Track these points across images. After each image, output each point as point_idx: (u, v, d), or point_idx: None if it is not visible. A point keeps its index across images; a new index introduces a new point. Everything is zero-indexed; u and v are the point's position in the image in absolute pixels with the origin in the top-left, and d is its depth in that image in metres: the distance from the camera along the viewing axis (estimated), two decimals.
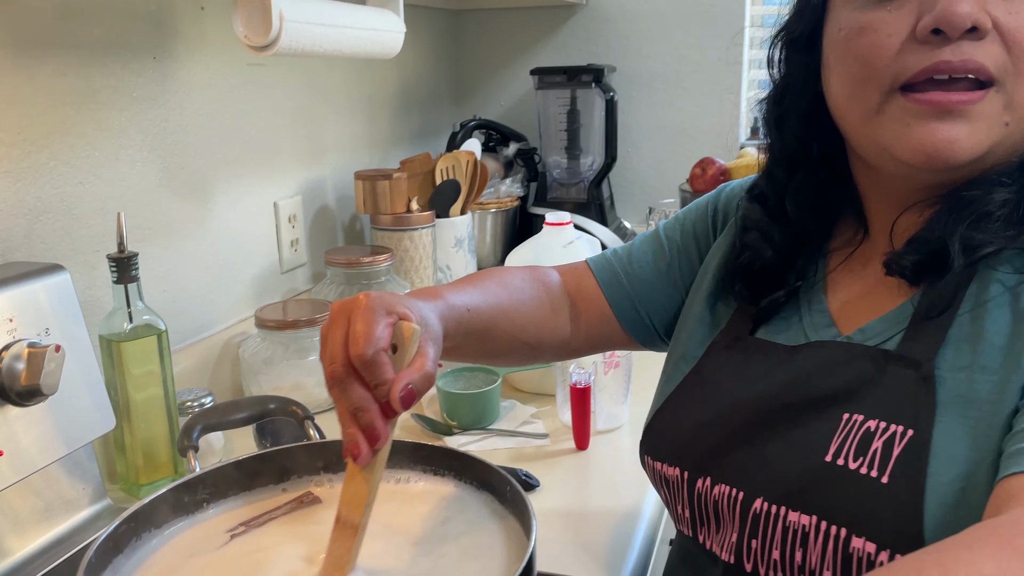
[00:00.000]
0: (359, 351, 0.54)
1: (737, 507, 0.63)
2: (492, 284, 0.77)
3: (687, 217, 0.84)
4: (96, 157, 1.02)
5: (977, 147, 0.58)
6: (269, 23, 0.88)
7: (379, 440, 0.54)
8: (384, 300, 0.57)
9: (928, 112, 0.57)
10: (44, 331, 0.82)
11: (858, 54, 0.60)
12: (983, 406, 0.55)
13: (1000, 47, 0.57)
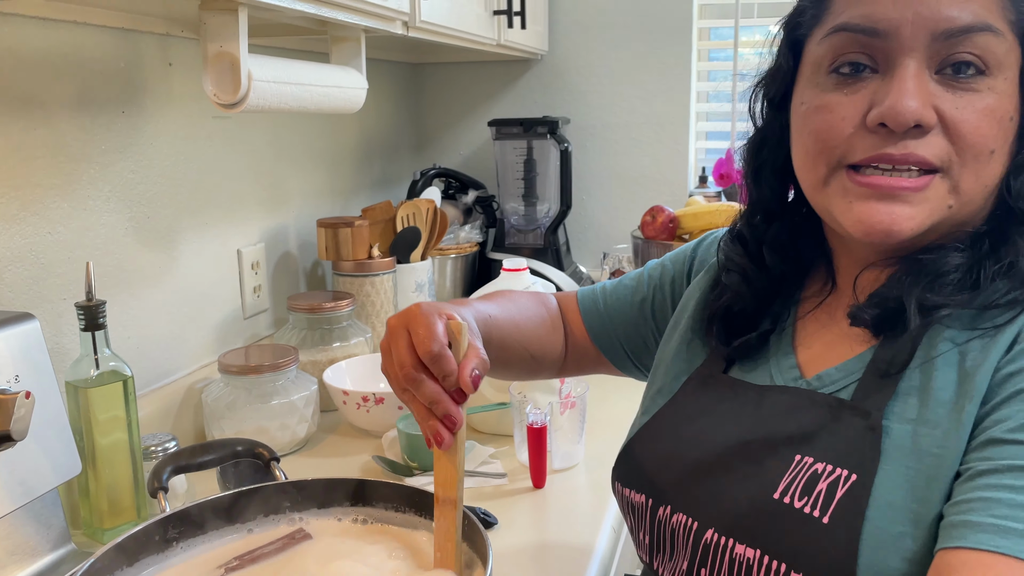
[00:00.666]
0: (427, 348, 0.62)
1: (691, 536, 0.66)
2: (505, 301, 0.86)
3: (669, 260, 0.90)
4: (65, 208, 1.05)
5: (917, 227, 0.61)
6: (238, 82, 0.92)
7: (456, 424, 0.63)
8: (433, 306, 0.66)
9: (869, 193, 0.62)
10: (14, 378, 0.84)
11: (813, 130, 0.65)
12: (924, 458, 0.58)
13: (944, 139, 0.60)
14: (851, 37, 0.62)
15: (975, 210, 0.64)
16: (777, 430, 0.66)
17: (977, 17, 0.59)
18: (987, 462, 0.55)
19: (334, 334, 1.39)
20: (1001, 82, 0.61)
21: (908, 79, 0.60)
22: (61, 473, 0.89)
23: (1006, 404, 0.56)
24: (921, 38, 0.60)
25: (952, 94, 0.60)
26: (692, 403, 0.75)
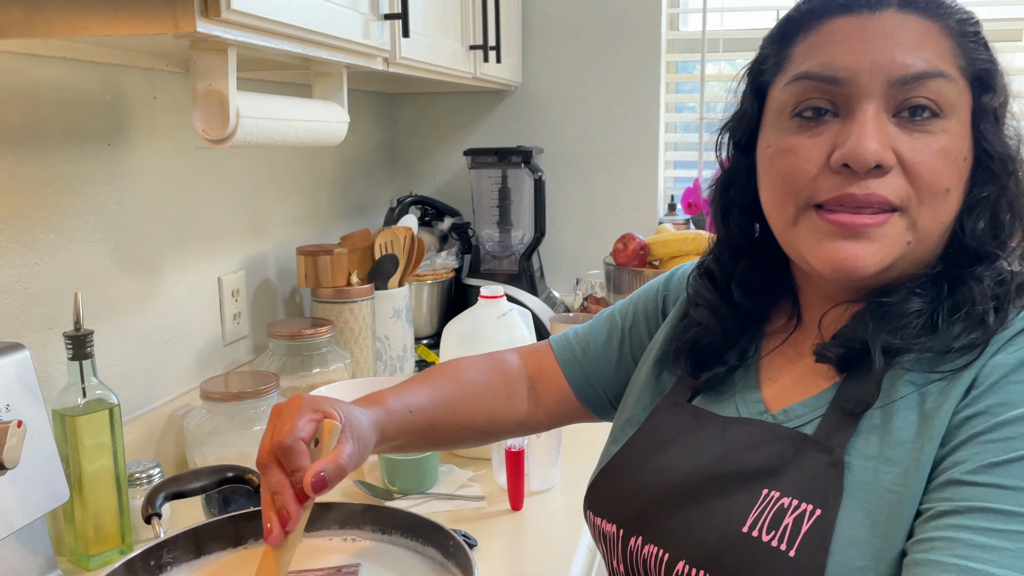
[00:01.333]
0: (279, 439, 0.63)
1: (663, 568, 0.68)
2: (443, 381, 0.85)
3: (639, 298, 0.91)
4: (52, 239, 1.07)
5: (879, 263, 0.64)
6: (227, 119, 0.96)
7: (290, 522, 0.62)
8: (313, 401, 0.66)
9: (836, 232, 0.64)
10: (5, 407, 0.86)
11: (780, 172, 0.68)
12: (884, 495, 0.60)
13: (903, 180, 0.63)
14: (812, 84, 0.66)
15: (932, 246, 0.67)
16: (745, 463, 0.67)
17: (930, 64, 0.63)
18: (948, 503, 0.57)
19: (314, 360, 1.42)
20: (954, 124, 0.64)
21: (868, 122, 0.63)
22: (50, 500, 0.90)
23: (964, 446, 0.59)
24: (878, 84, 0.63)
25: (909, 136, 0.64)
26: (660, 432, 0.76)
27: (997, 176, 0.66)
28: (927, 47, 0.64)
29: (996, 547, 0.54)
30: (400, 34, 1.24)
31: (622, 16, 2.01)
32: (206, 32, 0.82)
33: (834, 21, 0.66)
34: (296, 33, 0.97)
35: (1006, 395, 0.59)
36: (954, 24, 0.66)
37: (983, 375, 0.60)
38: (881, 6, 0.65)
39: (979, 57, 0.66)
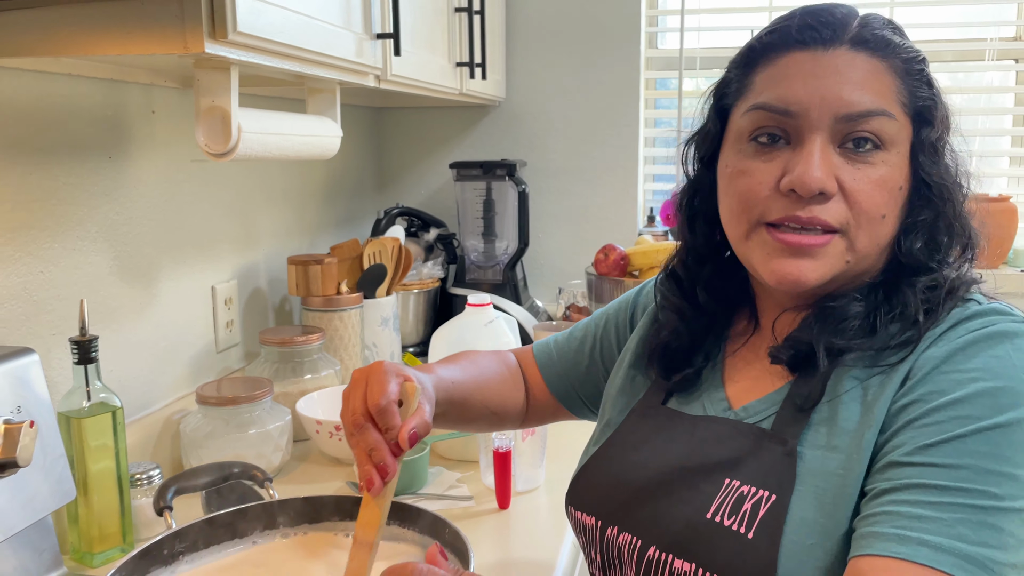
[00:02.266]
0: (376, 401, 0.69)
1: (635, 553, 0.74)
2: (467, 364, 0.94)
3: (612, 308, 0.99)
4: (56, 248, 1.11)
5: (820, 278, 0.71)
6: (228, 134, 1.00)
7: (388, 474, 0.69)
8: (393, 366, 0.74)
9: (782, 249, 0.71)
10: (16, 408, 0.90)
11: (736, 191, 0.74)
12: (831, 479, 0.67)
13: (844, 205, 0.70)
14: (768, 115, 0.72)
15: (870, 264, 0.73)
16: (709, 456, 0.74)
17: (873, 103, 0.69)
18: (888, 482, 0.63)
19: (305, 366, 1.46)
20: (893, 156, 0.71)
21: (814, 153, 0.69)
22: (58, 498, 0.94)
23: (902, 432, 0.65)
24: (826, 119, 0.70)
25: (851, 166, 0.70)
26: (635, 433, 0.83)
27: (933, 202, 0.73)
28: (873, 85, 0.70)
29: (931, 517, 0.60)
30: (392, 52, 1.29)
31: (603, 34, 2.08)
32: (213, 52, 0.87)
33: (791, 55, 0.72)
34: (295, 53, 1.02)
35: (936, 384, 0.65)
36: (900, 63, 0.72)
37: (916, 367, 0.67)
38: (834, 43, 0.71)
39: (921, 94, 0.72)
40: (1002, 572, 0.59)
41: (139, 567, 0.69)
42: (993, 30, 2.06)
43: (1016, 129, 2.11)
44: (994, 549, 0.59)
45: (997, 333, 0.66)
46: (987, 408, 0.63)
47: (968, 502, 0.60)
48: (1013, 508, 0.60)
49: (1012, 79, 2.10)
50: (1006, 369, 0.64)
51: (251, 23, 0.90)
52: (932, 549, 0.59)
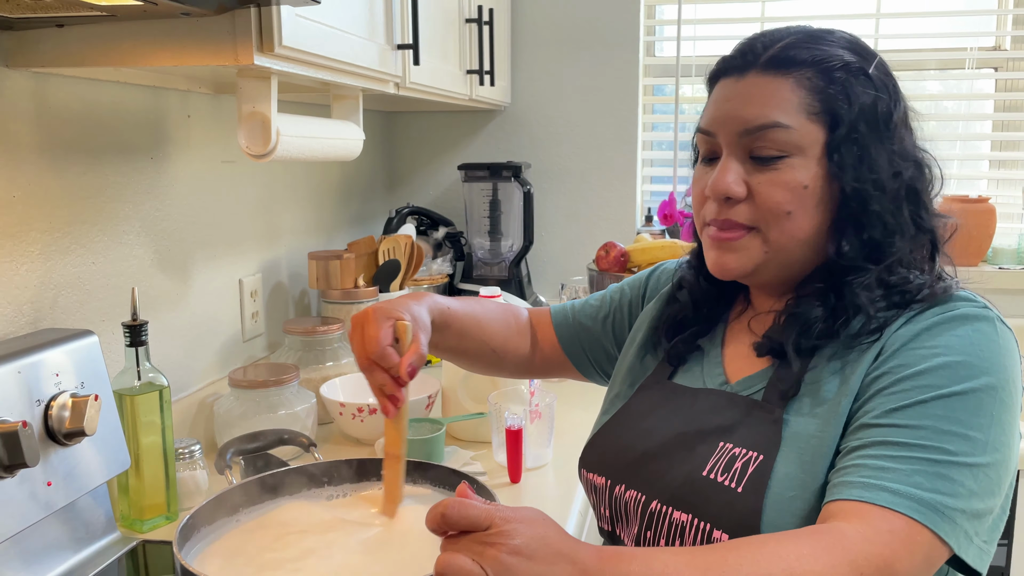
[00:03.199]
0: (372, 349, 0.81)
1: (640, 507, 0.85)
2: (470, 301, 1.05)
3: (628, 284, 1.10)
4: (104, 241, 1.21)
5: (743, 269, 0.83)
6: (268, 137, 1.10)
7: (399, 402, 0.82)
8: (384, 308, 0.85)
9: (712, 244, 0.84)
10: (80, 384, 1.00)
11: (693, 196, 0.88)
12: (810, 441, 0.76)
13: (753, 207, 0.81)
14: (701, 137, 0.86)
15: (797, 254, 0.82)
16: (707, 424, 0.85)
17: (767, 118, 0.79)
18: (858, 440, 0.73)
19: (327, 354, 1.56)
20: (799, 160, 0.79)
21: (724, 165, 0.81)
22: (116, 466, 1.04)
23: (872, 399, 0.75)
24: (733, 136, 0.81)
25: (759, 173, 0.80)
26: (642, 404, 0.93)
27: (858, 200, 0.79)
28: (772, 102, 0.79)
29: (892, 468, 0.70)
30: (411, 62, 1.39)
31: (603, 43, 2.19)
32: (261, 64, 0.97)
33: (721, 83, 0.86)
34: (328, 63, 1.13)
35: (904, 358, 0.75)
36: (814, 74, 0.80)
37: (887, 344, 0.77)
38: (747, 70, 0.83)
39: (838, 99, 0.79)
40: (952, 516, 0.68)
41: (207, 516, 0.78)
42: (973, 40, 2.17)
43: (995, 134, 2.22)
44: (946, 496, 0.69)
45: (959, 316, 0.76)
46: (946, 379, 0.73)
47: (925, 456, 0.70)
48: (965, 463, 0.70)
49: (991, 86, 2.21)
50: (965, 347, 0.74)
51: (294, 37, 1.00)
52: (891, 494, 0.69)
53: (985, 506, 0.71)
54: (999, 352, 0.74)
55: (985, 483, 0.70)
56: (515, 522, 0.59)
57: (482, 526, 0.59)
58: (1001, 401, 0.73)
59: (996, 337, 0.75)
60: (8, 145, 1.04)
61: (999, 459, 0.72)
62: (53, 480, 0.94)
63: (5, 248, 1.04)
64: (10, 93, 1.04)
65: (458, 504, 0.60)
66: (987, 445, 0.71)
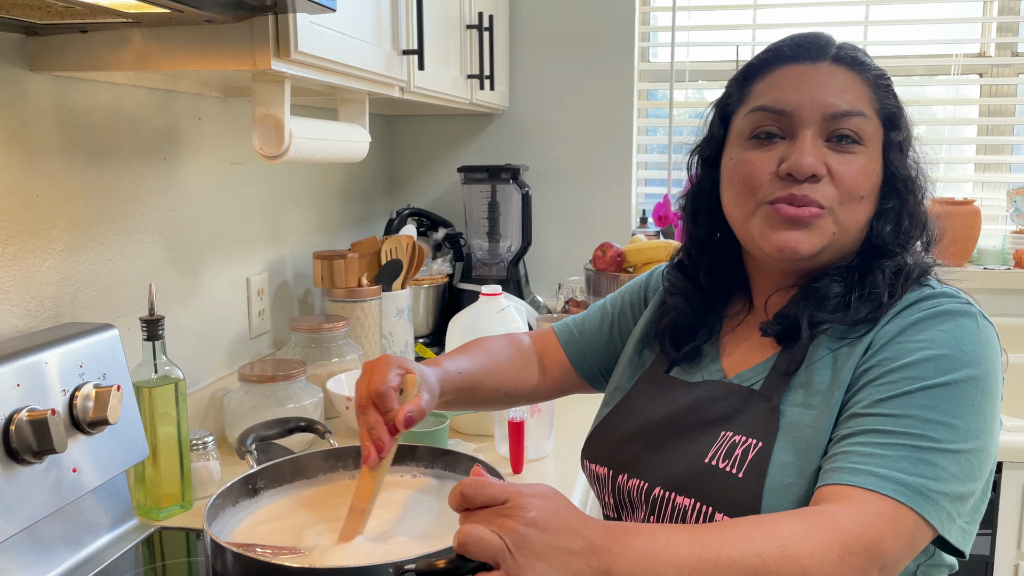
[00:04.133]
0: (376, 387, 0.82)
1: (643, 494, 0.89)
2: (478, 352, 1.05)
3: (626, 291, 1.12)
4: (121, 239, 1.25)
5: (813, 248, 0.84)
6: (281, 139, 1.15)
7: (384, 449, 0.81)
8: (397, 360, 0.86)
9: (783, 221, 0.84)
10: (102, 375, 1.04)
11: (740, 177, 0.87)
12: (806, 431, 0.80)
13: (832, 187, 0.84)
14: (766, 114, 0.86)
15: (852, 240, 0.87)
16: (708, 413, 0.88)
17: (852, 106, 0.84)
18: (848, 428, 0.77)
19: (332, 351, 1.60)
20: (870, 150, 0.85)
21: (807, 143, 0.84)
22: (135, 455, 1.08)
23: (862, 390, 0.79)
24: (816, 117, 0.85)
25: (837, 155, 0.84)
26: (641, 396, 0.97)
27: (900, 193, 0.87)
28: (852, 92, 0.86)
29: (877, 454, 0.74)
30: (416, 67, 1.44)
31: (599, 48, 2.24)
32: (278, 69, 1.02)
33: (785, 68, 0.88)
34: (339, 68, 1.17)
35: (892, 352, 0.80)
36: (871, 77, 0.87)
37: (877, 339, 0.82)
38: (820, 58, 0.87)
39: (889, 103, 0.88)
40: (935, 498, 0.73)
41: (230, 497, 0.83)
42: (958, 47, 2.23)
43: (980, 138, 2.28)
44: (929, 479, 0.73)
45: (944, 312, 0.81)
46: (931, 371, 0.77)
47: (910, 443, 0.74)
48: (948, 449, 0.75)
49: (976, 92, 2.27)
50: (948, 341, 0.79)
51: (308, 43, 1.04)
52: (878, 478, 0.73)
53: (967, 489, 0.75)
54: (981, 345, 0.79)
55: (967, 468, 0.75)
56: (530, 496, 0.63)
57: (499, 501, 0.63)
58: (982, 391, 0.77)
59: (978, 331, 0.80)
60: (32, 146, 1.08)
61: (980, 445, 0.76)
62: (78, 466, 0.98)
63: (30, 245, 1.08)
64: (34, 96, 1.08)
65: (477, 482, 0.63)
66: (969, 432, 0.75)
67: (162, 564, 1.07)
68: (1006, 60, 2.22)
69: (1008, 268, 2.16)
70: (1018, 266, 2.15)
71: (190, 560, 1.08)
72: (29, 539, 0.95)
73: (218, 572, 0.72)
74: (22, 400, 0.91)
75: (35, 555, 0.96)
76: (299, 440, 1.32)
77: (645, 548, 0.65)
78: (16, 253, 1.06)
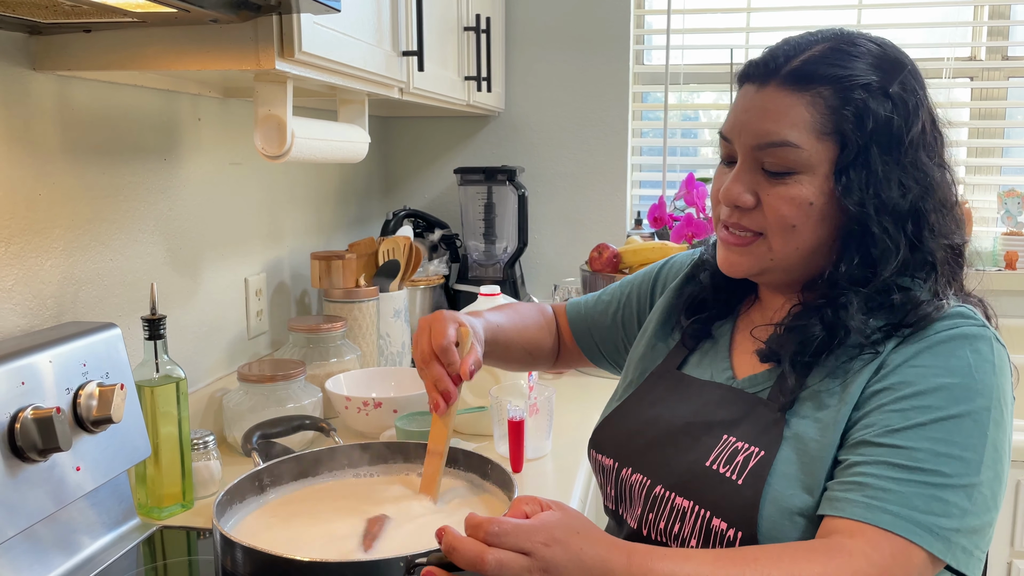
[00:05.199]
0: (439, 343, 0.89)
1: (644, 490, 0.90)
2: (511, 312, 1.14)
3: (636, 278, 1.16)
4: (122, 239, 1.25)
5: (750, 270, 0.88)
6: (283, 139, 1.15)
7: (451, 398, 0.89)
8: (451, 314, 0.93)
9: (724, 245, 0.90)
10: (105, 374, 1.04)
11: (711, 193, 0.92)
12: (810, 444, 0.81)
13: (761, 214, 0.85)
14: (722, 140, 0.89)
15: (801, 261, 0.85)
16: (713, 416, 0.89)
17: (778, 136, 0.81)
18: (860, 457, 0.77)
19: (330, 351, 1.60)
20: (807, 177, 0.82)
21: (736, 174, 0.85)
22: (138, 454, 1.08)
23: (872, 413, 0.78)
24: (747, 146, 0.85)
25: (770, 185, 0.84)
26: (652, 392, 0.98)
27: (859, 220, 0.82)
28: (786, 120, 0.82)
29: (892, 490, 0.75)
30: (415, 68, 1.45)
31: (594, 51, 2.25)
32: (282, 69, 1.02)
33: (744, 88, 0.88)
34: (341, 68, 1.18)
35: (905, 376, 0.79)
36: (829, 93, 0.81)
37: (889, 360, 0.81)
38: (767, 80, 0.84)
39: (849, 120, 0.80)
40: (946, 535, 0.74)
41: (237, 494, 0.83)
42: (949, 51, 2.25)
43: (971, 140, 2.30)
44: (940, 517, 0.74)
45: (959, 336, 0.80)
46: (944, 400, 0.77)
47: (922, 479, 0.75)
48: (959, 484, 0.75)
49: (967, 95, 2.30)
50: (963, 368, 0.78)
51: (312, 43, 1.05)
52: (891, 516, 0.74)
53: (981, 522, 0.76)
54: (993, 372, 0.79)
55: (979, 500, 0.75)
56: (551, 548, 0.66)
57: (524, 551, 0.65)
58: (995, 421, 0.77)
59: (992, 357, 0.79)
60: (34, 145, 1.08)
61: (992, 476, 0.76)
62: (82, 465, 0.98)
63: (32, 244, 1.08)
64: (36, 95, 1.08)
65: (503, 531, 0.66)
66: (981, 465, 0.76)
67: (163, 563, 1.07)
68: (996, 63, 2.25)
69: (999, 269, 2.19)
70: (1009, 267, 2.18)
71: (191, 559, 1.08)
72: (31, 538, 0.95)
73: (227, 569, 0.72)
74: (26, 399, 0.91)
75: (37, 554, 0.96)
76: (299, 439, 1.33)
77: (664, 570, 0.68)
78: (18, 252, 1.06)
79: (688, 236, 2.04)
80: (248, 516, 0.82)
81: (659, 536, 0.87)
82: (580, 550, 0.66)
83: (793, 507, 0.79)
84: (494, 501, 0.87)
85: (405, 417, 1.40)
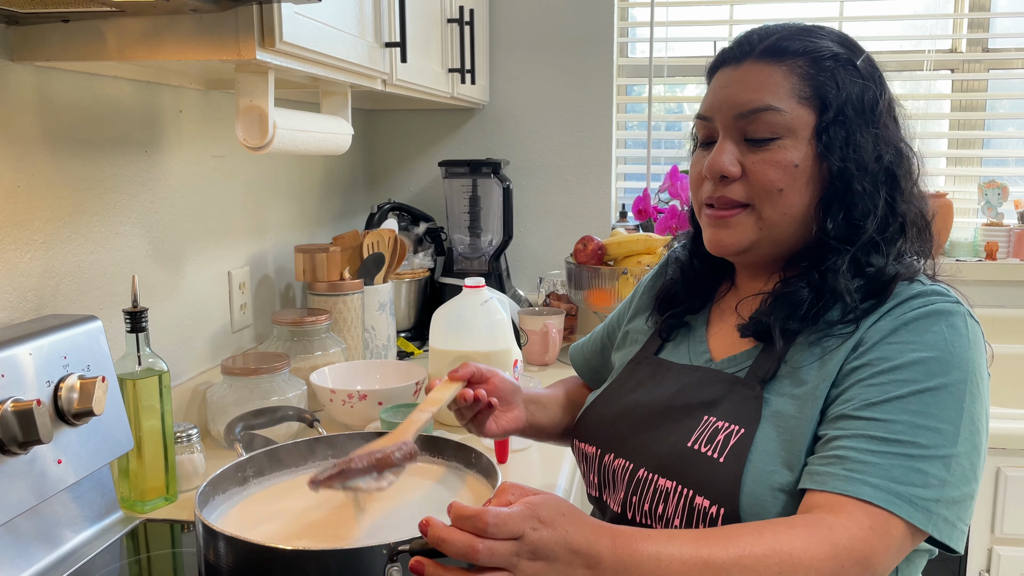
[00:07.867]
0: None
1: (627, 474, 0.91)
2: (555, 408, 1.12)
3: (620, 306, 1.15)
4: (103, 231, 1.24)
5: (739, 244, 0.88)
6: (265, 130, 1.14)
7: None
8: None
9: (711, 222, 0.90)
10: (86, 367, 1.03)
11: (691, 181, 0.94)
12: (790, 420, 0.82)
13: (747, 184, 0.87)
14: (699, 122, 0.92)
15: (790, 230, 0.87)
16: (692, 398, 0.90)
17: (760, 102, 0.85)
18: (839, 431, 0.78)
19: (315, 344, 1.60)
20: (790, 141, 0.85)
21: (720, 146, 0.88)
22: (120, 447, 1.07)
23: (851, 388, 0.80)
24: (729, 119, 0.88)
25: (753, 153, 0.86)
26: (631, 378, 1.00)
27: (842, 178, 0.85)
28: (766, 87, 0.86)
29: (871, 463, 0.76)
30: (398, 59, 1.44)
31: (578, 44, 2.25)
32: (263, 59, 1.02)
33: (718, 73, 0.92)
34: (323, 59, 1.17)
35: (882, 352, 0.81)
36: (804, 63, 0.86)
37: (867, 336, 0.83)
38: (743, 58, 0.89)
39: (828, 86, 0.86)
40: (926, 506, 0.75)
41: (219, 485, 0.83)
42: (930, 43, 2.27)
43: (952, 132, 2.32)
44: (919, 488, 0.75)
45: (935, 311, 0.82)
46: (920, 374, 0.79)
47: (901, 451, 0.76)
48: (937, 455, 0.76)
49: (948, 87, 2.31)
50: (939, 343, 0.80)
51: (293, 33, 1.04)
52: (871, 488, 0.75)
53: (961, 493, 0.77)
54: (968, 346, 0.80)
55: (958, 471, 0.77)
56: (540, 526, 0.66)
57: (517, 536, 0.66)
58: (970, 394, 0.79)
59: (966, 331, 0.81)
60: (13, 136, 1.07)
61: (970, 447, 0.78)
62: (63, 458, 0.97)
63: (11, 236, 1.07)
64: (15, 86, 1.07)
65: (498, 520, 0.65)
66: (958, 436, 0.77)
67: (147, 556, 1.07)
68: (977, 56, 2.26)
69: (979, 260, 2.21)
70: (989, 258, 2.20)
71: (175, 552, 1.08)
72: (13, 531, 0.94)
73: (210, 561, 0.72)
74: (6, 391, 0.91)
75: (19, 548, 0.95)
76: (283, 431, 1.32)
77: (649, 561, 0.69)
78: None
79: (672, 228, 2.05)
80: (232, 508, 0.82)
81: (643, 518, 0.88)
82: (566, 532, 0.66)
83: (774, 483, 0.80)
84: (479, 486, 0.87)
85: (390, 409, 1.40)
